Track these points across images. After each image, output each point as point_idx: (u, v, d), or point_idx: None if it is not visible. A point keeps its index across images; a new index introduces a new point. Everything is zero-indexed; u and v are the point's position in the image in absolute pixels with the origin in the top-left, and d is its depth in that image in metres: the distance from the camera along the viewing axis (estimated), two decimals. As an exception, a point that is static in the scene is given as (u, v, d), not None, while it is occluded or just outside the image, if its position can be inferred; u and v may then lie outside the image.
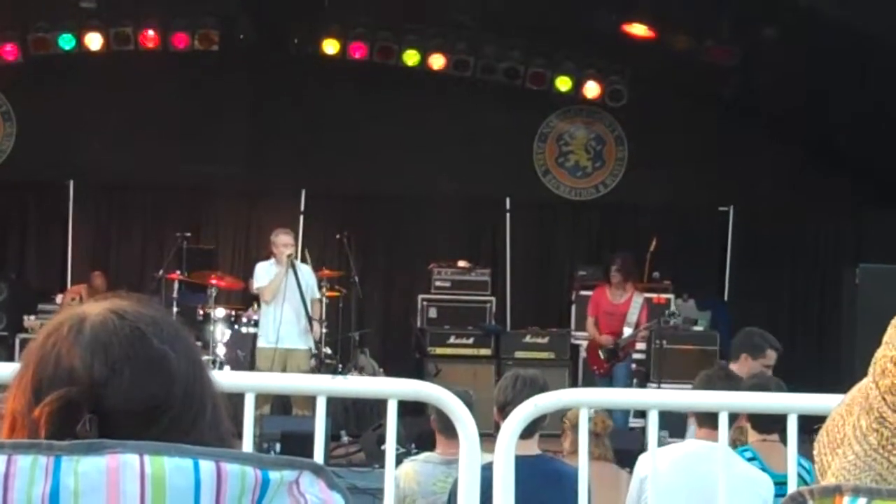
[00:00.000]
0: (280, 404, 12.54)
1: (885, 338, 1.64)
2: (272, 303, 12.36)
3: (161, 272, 13.64)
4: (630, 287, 13.32)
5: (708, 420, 4.83)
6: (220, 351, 13.13)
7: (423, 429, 6.78)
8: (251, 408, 3.97)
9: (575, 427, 6.54)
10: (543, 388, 5.05)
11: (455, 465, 4.52)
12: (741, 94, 15.58)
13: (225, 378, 4.84)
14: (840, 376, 11.04)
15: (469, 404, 4.26)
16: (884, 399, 1.60)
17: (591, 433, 6.65)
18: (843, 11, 12.34)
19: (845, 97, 14.19)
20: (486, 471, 4.09)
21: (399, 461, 5.95)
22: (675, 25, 14.44)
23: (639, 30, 14.56)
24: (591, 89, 16.10)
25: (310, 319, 12.33)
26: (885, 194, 15.98)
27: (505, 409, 4.73)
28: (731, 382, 5.77)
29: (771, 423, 5.75)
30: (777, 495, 5.42)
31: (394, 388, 4.26)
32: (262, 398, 10.63)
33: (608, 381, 12.97)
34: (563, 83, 16.04)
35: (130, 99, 15.51)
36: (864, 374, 1.68)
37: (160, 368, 1.65)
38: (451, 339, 14.70)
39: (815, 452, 1.72)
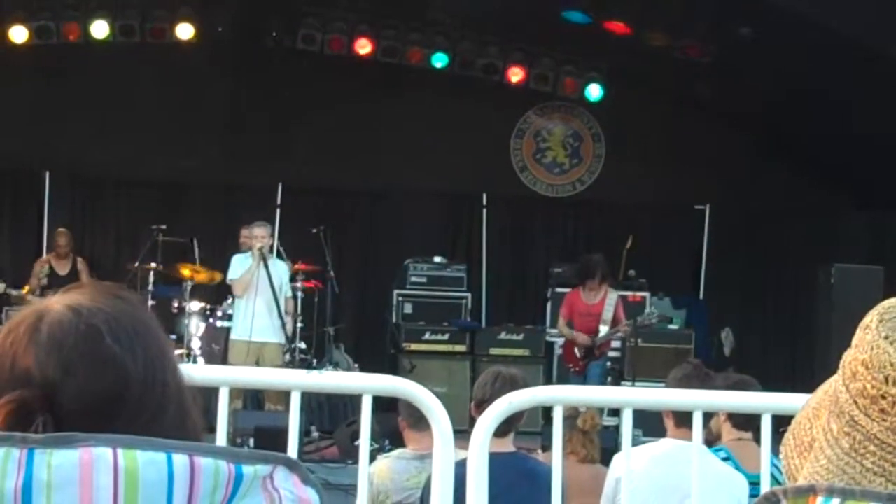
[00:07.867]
0: (254, 399, 12.53)
1: (854, 340, 1.63)
2: (244, 296, 12.35)
3: (136, 265, 13.62)
4: (604, 286, 13.30)
5: (686, 419, 4.80)
6: (195, 344, 13.11)
7: (398, 425, 6.76)
8: (225, 402, 3.97)
9: (575, 427, 6.52)
10: (524, 388, 5.00)
11: (428, 460, 4.52)
12: (718, 93, 15.61)
13: (199, 372, 4.82)
14: (814, 376, 11.06)
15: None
16: (855, 402, 1.60)
17: (579, 430, 6.64)
18: (820, 11, 12.37)
19: (822, 97, 14.24)
20: (460, 467, 4.09)
21: (373, 457, 5.93)
22: (651, 22, 14.45)
23: (616, 26, 14.59)
24: (568, 86, 16.11)
25: (281, 315, 12.29)
26: (861, 195, 16.04)
27: (482, 407, 4.71)
28: (708, 381, 5.75)
29: (748, 421, 5.74)
30: (751, 495, 5.42)
31: (368, 384, 4.25)
32: (234, 392, 10.64)
33: (583, 378, 12.94)
34: (541, 79, 16.03)
35: (107, 90, 15.45)
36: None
37: (113, 367, 1.63)
38: (427, 335, 14.67)
39: (781, 456, 1.71)
